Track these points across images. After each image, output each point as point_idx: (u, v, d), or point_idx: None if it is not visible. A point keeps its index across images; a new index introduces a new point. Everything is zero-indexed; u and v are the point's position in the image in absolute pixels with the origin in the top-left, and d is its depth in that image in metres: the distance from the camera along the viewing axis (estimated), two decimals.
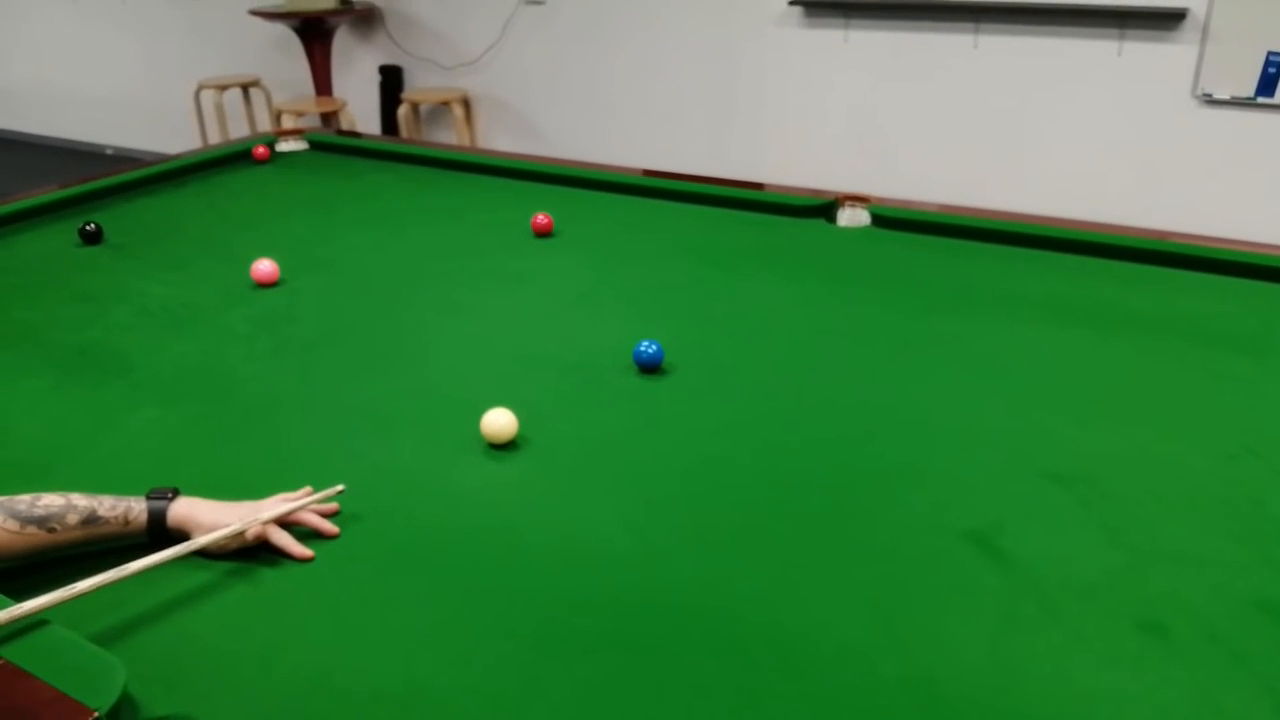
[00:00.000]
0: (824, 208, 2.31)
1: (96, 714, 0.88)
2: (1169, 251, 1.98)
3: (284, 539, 1.14)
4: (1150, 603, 1.06)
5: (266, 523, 1.13)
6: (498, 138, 5.49)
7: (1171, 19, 3.68)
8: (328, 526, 1.18)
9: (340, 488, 1.23)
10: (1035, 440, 1.37)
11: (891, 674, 0.96)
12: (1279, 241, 1.97)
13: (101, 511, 1.09)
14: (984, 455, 1.34)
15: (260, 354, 1.67)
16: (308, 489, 1.22)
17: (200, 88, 5.56)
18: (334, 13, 5.16)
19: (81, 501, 1.09)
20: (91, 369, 1.62)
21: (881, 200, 2.29)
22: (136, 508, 1.11)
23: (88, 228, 2.16)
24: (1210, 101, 3.72)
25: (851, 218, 2.29)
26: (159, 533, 1.12)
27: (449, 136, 5.49)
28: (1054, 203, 3.77)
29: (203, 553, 1.10)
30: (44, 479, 1.30)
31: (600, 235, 2.23)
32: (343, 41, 5.68)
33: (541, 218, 2.21)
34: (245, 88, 5.60)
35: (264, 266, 1.94)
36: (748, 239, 2.19)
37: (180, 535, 1.11)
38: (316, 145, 3.01)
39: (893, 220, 2.24)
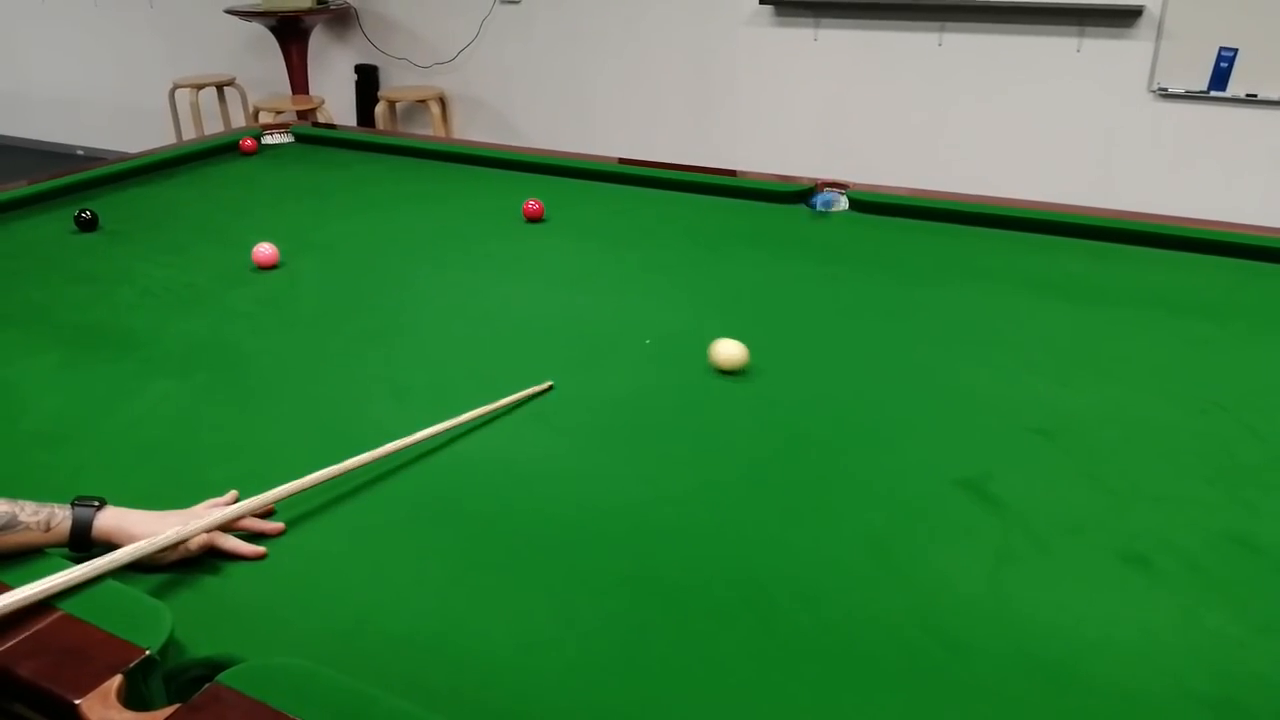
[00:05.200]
0: (804, 193, 2.38)
1: (148, 651, 0.92)
2: (1131, 230, 2.07)
3: (232, 543, 1.10)
4: (1133, 538, 1.13)
5: (211, 531, 1.09)
6: (474, 135, 5.53)
7: (1128, 16, 3.81)
8: (269, 526, 1.15)
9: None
10: (1018, 398, 1.45)
11: (896, 604, 1.03)
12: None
13: (22, 517, 1.03)
14: (970, 412, 1.42)
15: (267, 329, 1.71)
16: (234, 493, 1.19)
17: (175, 87, 5.54)
18: (310, 12, 5.18)
19: (1, 506, 1.03)
20: (102, 345, 1.65)
21: (858, 186, 2.37)
22: (60, 514, 1.05)
23: (83, 215, 2.18)
24: (1166, 95, 3.86)
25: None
26: (82, 543, 1.06)
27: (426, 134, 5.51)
28: (1016, 193, 3.88)
29: (137, 565, 1.04)
30: (66, 448, 1.34)
31: (588, 220, 2.29)
32: (318, 41, 5.70)
33: (533, 203, 2.27)
34: (220, 87, 5.59)
35: (264, 249, 1.97)
36: (733, 223, 2.26)
37: (106, 547, 1.05)
38: (302, 138, 3.04)
39: (871, 204, 2.31)
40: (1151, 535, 1.14)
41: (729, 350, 1.52)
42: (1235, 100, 3.73)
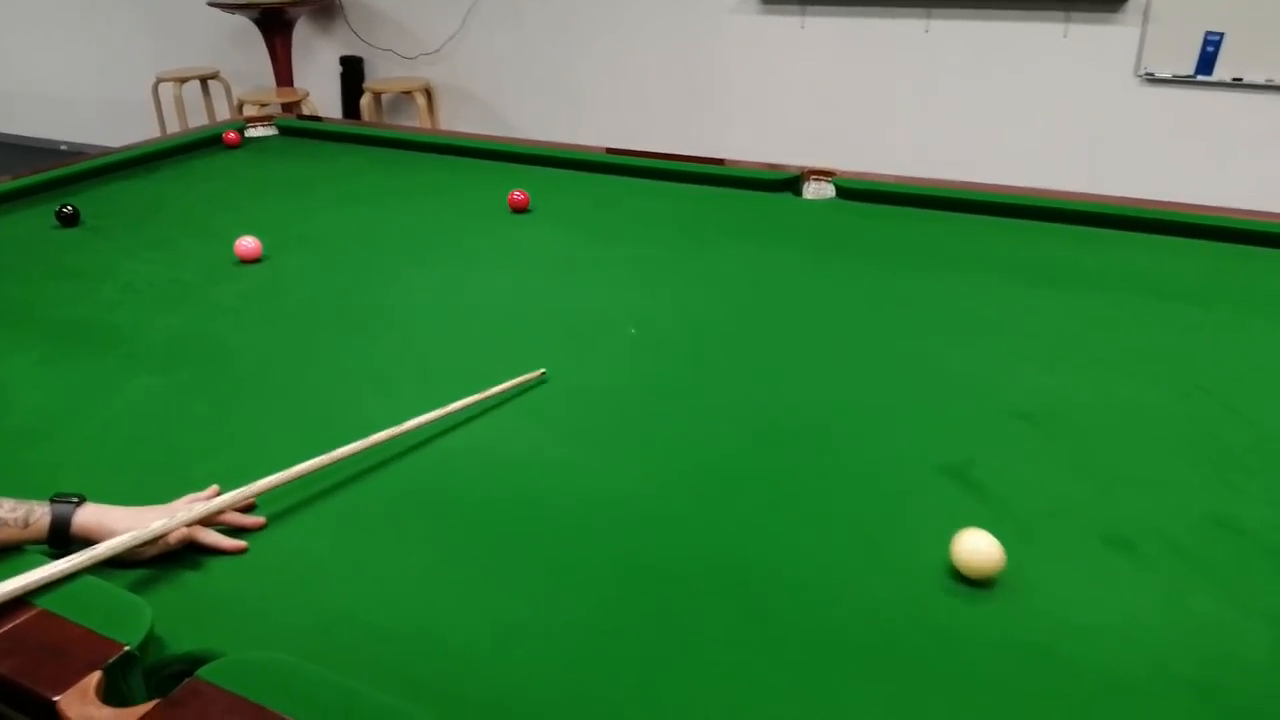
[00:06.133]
0: (790, 182, 2.38)
1: (127, 646, 0.91)
2: (1116, 214, 2.07)
3: (212, 537, 1.10)
4: (1118, 522, 1.13)
5: (191, 525, 1.08)
6: (460, 126, 5.51)
7: (1115, 1, 3.81)
8: (250, 520, 1.14)
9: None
10: (1003, 383, 1.45)
11: (881, 590, 1.03)
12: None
13: (1, 514, 1.03)
14: (955, 398, 1.42)
15: (251, 324, 1.70)
16: (215, 488, 1.17)
17: (159, 81, 5.51)
18: (294, 3, 5.14)
19: None
20: (85, 342, 1.63)
21: (845, 174, 2.36)
22: (39, 511, 1.05)
23: (65, 210, 2.17)
24: (1152, 80, 3.86)
25: (817, 191, 2.36)
26: (61, 539, 1.05)
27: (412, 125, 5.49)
28: (1004, 179, 3.88)
29: (117, 561, 1.04)
30: (47, 444, 1.33)
31: (574, 210, 2.28)
32: (302, 33, 5.66)
33: (518, 194, 2.26)
34: (204, 80, 5.56)
35: (247, 243, 1.96)
36: (719, 212, 2.26)
37: (85, 543, 1.04)
38: (286, 130, 3.02)
39: (856, 192, 2.31)
40: (1136, 519, 1.14)
41: (977, 544, 1.05)
42: (1221, 84, 3.73)
